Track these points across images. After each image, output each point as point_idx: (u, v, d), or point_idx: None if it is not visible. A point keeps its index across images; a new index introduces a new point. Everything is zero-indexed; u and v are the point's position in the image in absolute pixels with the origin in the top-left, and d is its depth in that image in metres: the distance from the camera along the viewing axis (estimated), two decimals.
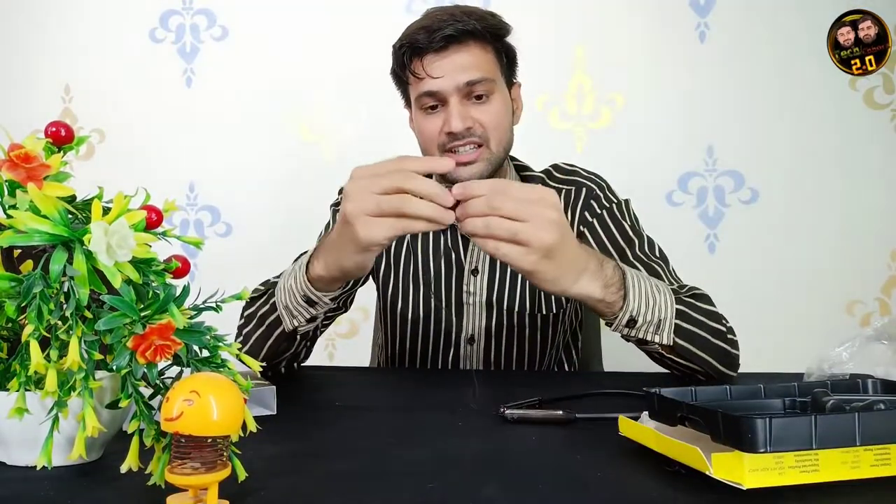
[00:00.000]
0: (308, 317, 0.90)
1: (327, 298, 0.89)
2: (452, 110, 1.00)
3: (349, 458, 0.58)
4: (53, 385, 0.49)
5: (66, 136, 0.58)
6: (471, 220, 0.74)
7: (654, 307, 0.84)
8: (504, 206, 0.73)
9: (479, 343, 1.11)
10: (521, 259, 0.75)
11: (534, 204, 0.74)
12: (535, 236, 0.73)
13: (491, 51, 1.04)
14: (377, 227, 0.75)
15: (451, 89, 1.00)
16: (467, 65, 1.00)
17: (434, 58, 1.00)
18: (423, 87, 1.02)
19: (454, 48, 1.00)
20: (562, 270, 0.78)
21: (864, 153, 1.82)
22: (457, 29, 0.99)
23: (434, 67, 1.00)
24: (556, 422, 0.69)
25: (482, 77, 1.01)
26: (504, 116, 1.05)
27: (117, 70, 2.03)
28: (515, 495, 0.49)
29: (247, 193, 1.98)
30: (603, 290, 0.82)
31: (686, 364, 0.89)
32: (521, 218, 0.73)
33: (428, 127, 1.04)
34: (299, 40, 1.98)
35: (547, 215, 0.74)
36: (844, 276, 1.83)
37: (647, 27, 1.89)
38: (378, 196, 0.74)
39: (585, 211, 1.10)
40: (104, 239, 0.48)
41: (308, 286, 0.87)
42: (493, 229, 0.73)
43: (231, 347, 0.54)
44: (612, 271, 0.83)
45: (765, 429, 0.46)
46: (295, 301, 0.89)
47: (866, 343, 0.77)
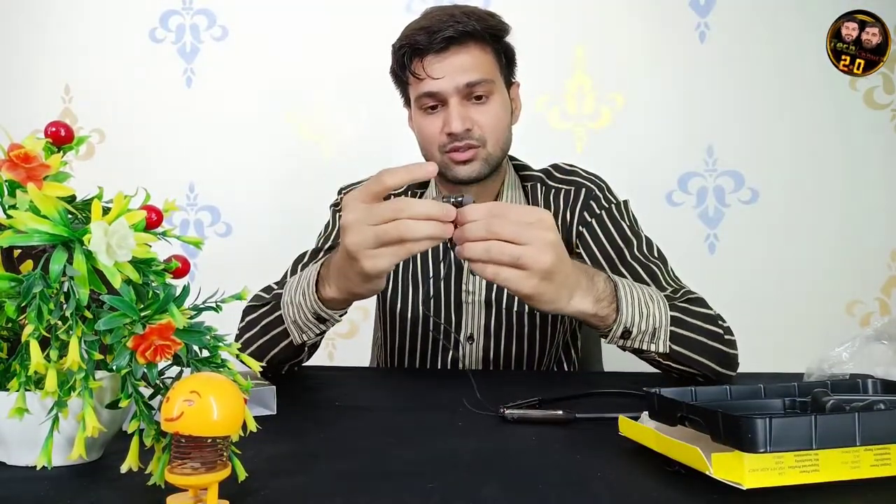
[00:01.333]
0: (318, 332, 0.91)
1: (338, 315, 0.90)
2: (452, 111, 1.00)
3: (349, 458, 0.58)
4: (53, 385, 0.49)
5: (66, 136, 0.58)
6: (469, 245, 0.73)
7: (647, 316, 0.84)
8: (504, 230, 0.73)
9: (479, 342, 1.11)
10: (521, 283, 0.74)
11: (532, 227, 0.74)
12: (535, 259, 0.73)
13: (490, 51, 1.04)
14: (381, 259, 0.74)
15: (450, 90, 1.00)
16: (467, 66, 1.01)
17: (434, 59, 1.01)
18: (423, 88, 1.02)
19: (454, 49, 1.00)
20: (559, 291, 0.78)
21: (864, 153, 1.82)
22: (457, 30, 0.99)
23: (434, 68, 1.00)
24: (556, 422, 0.69)
25: (482, 78, 1.01)
26: (503, 117, 1.05)
27: (117, 70, 2.03)
28: (515, 495, 0.49)
29: (247, 193, 1.98)
30: (595, 305, 0.82)
31: (683, 368, 0.89)
32: (521, 241, 0.73)
33: (428, 127, 1.04)
34: (299, 40, 1.98)
35: (545, 238, 0.74)
36: (844, 276, 1.83)
37: (647, 27, 1.89)
38: (375, 228, 0.73)
39: (584, 211, 1.10)
40: (104, 239, 0.48)
41: (319, 305, 0.87)
42: (493, 254, 0.73)
43: (231, 347, 0.54)
44: (603, 285, 0.84)
45: (765, 429, 0.46)
46: (304, 318, 0.89)
47: (866, 343, 0.78)
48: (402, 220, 0.72)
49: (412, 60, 1.02)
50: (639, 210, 1.13)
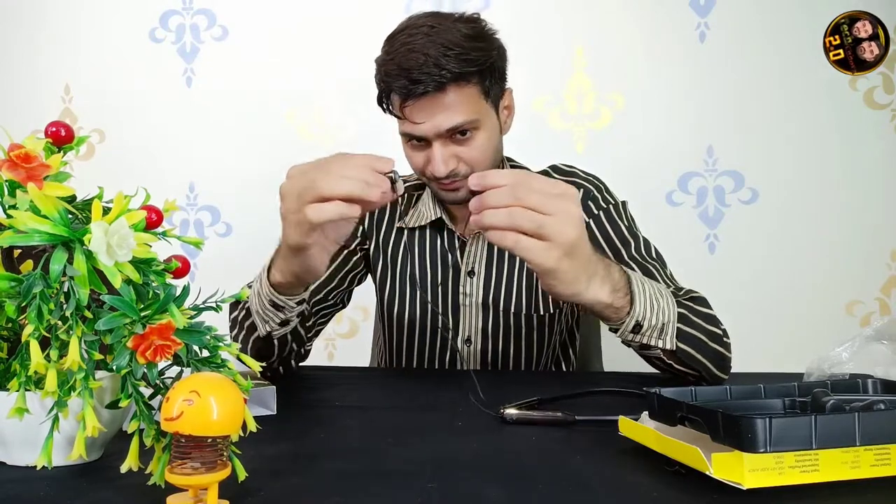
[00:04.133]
0: (278, 321, 0.89)
1: (292, 303, 0.87)
2: (436, 154, 0.97)
3: (349, 459, 0.58)
4: (53, 385, 0.49)
5: (66, 136, 0.58)
6: (491, 211, 0.70)
7: (658, 311, 0.83)
8: (529, 197, 0.70)
9: (476, 344, 1.11)
10: (542, 255, 0.71)
11: (558, 198, 0.71)
12: (559, 231, 0.70)
13: (474, 84, 0.97)
14: (295, 223, 0.75)
15: (432, 135, 0.96)
16: (450, 111, 0.95)
17: (414, 105, 0.95)
18: (406, 129, 0.98)
19: (433, 95, 0.94)
20: (578, 272, 0.75)
21: (864, 153, 1.83)
22: (436, 82, 0.92)
23: (415, 115, 0.96)
24: (556, 423, 0.69)
25: (465, 120, 0.96)
26: (488, 147, 1.01)
27: (117, 70, 2.03)
28: (515, 495, 0.49)
29: (247, 193, 1.98)
30: (612, 295, 0.79)
31: (683, 368, 0.89)
32: (546, 211, 0.70)
33: (413, 158, 1.02)
34: (299, 40, 1.99)
35: (571, 210, 0.71)
36: (844, 276, 1.83)
37: (647, 27, 1.89)
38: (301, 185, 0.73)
39: (583, 212, 1.09)
40: (104, 239, 0.48)
41: (272, 291, 0.85)
42: (516, 220, 0.69)
43: (231, 347, 0.54)
44: (618, 275, 0.81)
45: (765, 429, 0.46)
46: (263, 306, 0.87)
47: (866, 343, 0.77)
48: (320, 178, 0.72)
49: (391, 97, 0.99)
50: (639, 210, 1.13)
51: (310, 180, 0.73)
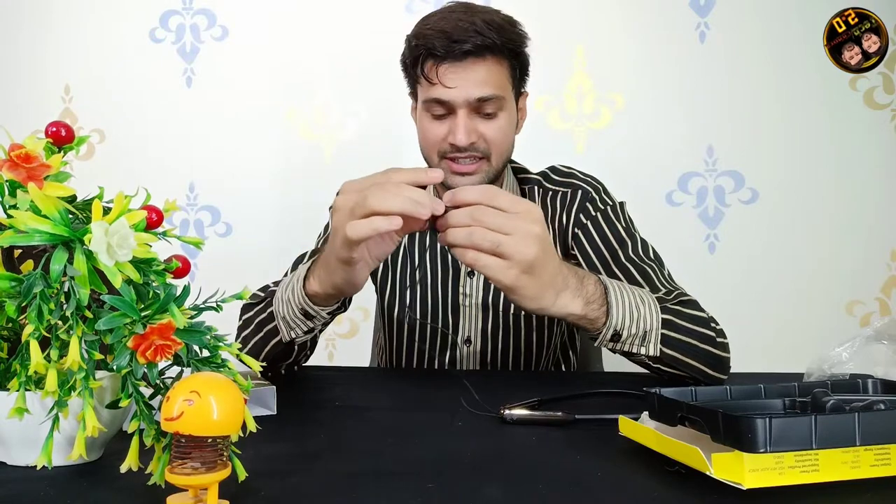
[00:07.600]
0: (305, 329, 0.90)
1: (324, 312, 0.88)
2: (460, 123, 0.98)
3: (349, 459, 0.58)
4: (53, 385, 0.49)
5: (66, 136, 0.58)
6: (453, 230, 0.73)
7: (638, 320, 0.84)
8: (486, 218, 0.72)
9: (476, 344, 1.11)
10: (501, 272, 0.74)
11: (518, 217, 0.73)
12: (516, 249, 0.73)
13: (506, 66, 1.01)
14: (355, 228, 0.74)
15: (461, 102, 0.98)
16: (481, 80, 0.98)
17: (449, 67, 0.98)
18: (434, 94, 0.99)
19: (471, 60, 0.97)
20: (542, 288, 0.77)
21: (864, 153, 1.83)
22: (476, 44, 0.96)
23: (448, 77, 0.98)
24: (556, 423, 0.69)
25: (494, 94, 0.98)
26: (508, 132, 1.04)
27: (117, 70, 2.03)
28: (515, 495, 0.49)
29: (247, 193, 1.98)
30: (585, 307, 0.81)
31: (673, 371, 0.89)
32: (505, 231, 0.73)
33: (432, 131, 1.02)
34: (299, 40, 1.98)
35: (530, 229, 0.73)
36: (844, 276, 1.83)
37: (647, 27, 1.89)
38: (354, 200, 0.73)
39: (580, 213, 1.09)
40: (104, 239, 0.48)
41: (306, 300, 0.86)
42: (475, 239, 0.72)
43: (231, 347, 0.54)
44: (593, 287, 0.83)
45: (765, 429, 0.46)
46: (293, 313, 0.88)
47: (866, 343, 0.77)
48: (372, 193, 0.72)
49: (426, 62, 1.00)
50: (638, 210, 1.13)
51: (363, 196, 0.73)
